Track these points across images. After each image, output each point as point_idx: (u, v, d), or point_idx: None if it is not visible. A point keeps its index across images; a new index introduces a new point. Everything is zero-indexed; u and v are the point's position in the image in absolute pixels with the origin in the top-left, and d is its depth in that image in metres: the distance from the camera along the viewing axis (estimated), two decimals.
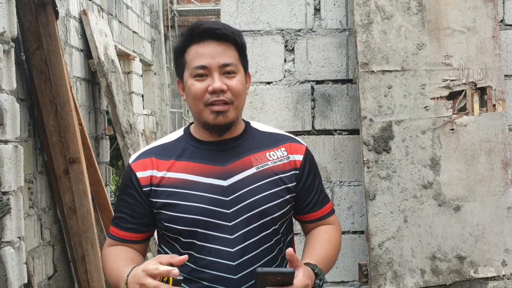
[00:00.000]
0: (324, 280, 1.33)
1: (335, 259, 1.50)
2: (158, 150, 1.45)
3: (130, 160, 1.46)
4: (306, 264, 1.33)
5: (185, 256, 1.25)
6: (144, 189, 1.40)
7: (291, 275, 1.21)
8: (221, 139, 1.42)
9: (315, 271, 1.32)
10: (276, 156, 1.44)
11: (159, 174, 1.40)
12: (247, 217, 1.37)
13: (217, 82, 1.34)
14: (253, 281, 1.29)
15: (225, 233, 1.36)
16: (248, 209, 1.37)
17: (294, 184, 1.44)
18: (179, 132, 1.49)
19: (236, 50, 1.39)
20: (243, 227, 1.37)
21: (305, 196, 1.47)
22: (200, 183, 1.38)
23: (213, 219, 1.36)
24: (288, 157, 1.45)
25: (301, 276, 1.24)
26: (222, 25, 1.40)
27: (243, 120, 1.50)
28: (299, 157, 1.46)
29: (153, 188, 1.40)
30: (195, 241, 1.37)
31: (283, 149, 1.46)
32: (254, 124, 1.52)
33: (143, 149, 1.49)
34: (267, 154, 1.44)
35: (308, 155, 1.49)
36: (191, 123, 1.50)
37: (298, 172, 1.45)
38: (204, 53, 1.35)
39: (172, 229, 1.39)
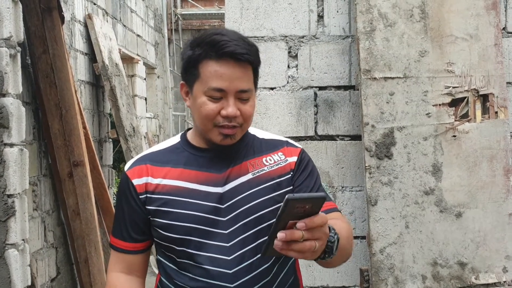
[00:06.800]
0: (338, 239, 1.20)
1: (349, 246, 1.34)
2: (153, 156, 1.43)
3: (126, 167, 1.44)
4: None
5: None
6: (140, 197, 1.38)
7: (322, 200, 1.08)
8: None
9: (329, 226, 1.18)
10: (273, 161, 1.42)
11: (155, 181, 1.38)
12: (243, 224, 1.35)
13: (232, 108, 1.30)
14: None
15: (221, 241, 1.34)
16: (244, 215, 1.35)
17: (290, 188, 1.41)
18: (176, 139, 1.47)
19: (252, 71, 1.35)
20: (239, 235, 1.34)
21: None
22: (196, 190, 1.36)
23: (208, 227, 1.34)
24: (286, 160, 1.43)
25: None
26: (246, 47, 1.30)
27: None
28: (294, 159, 1.44)
29: (148, 195, 1.38)
30: (190, 250, 1.34)
31: (280, 153, 1.44)
32: (253, 130, 1.49)
33: (138, 155, 1.47)
34: (264, 159, 1.42)
35: (302, 155, 1.46)
36: (188, 129, 1.48)
37: (292, 173, 1.43)
38: (223, 75, 1.29)
39: (166, 237, 1.37)
